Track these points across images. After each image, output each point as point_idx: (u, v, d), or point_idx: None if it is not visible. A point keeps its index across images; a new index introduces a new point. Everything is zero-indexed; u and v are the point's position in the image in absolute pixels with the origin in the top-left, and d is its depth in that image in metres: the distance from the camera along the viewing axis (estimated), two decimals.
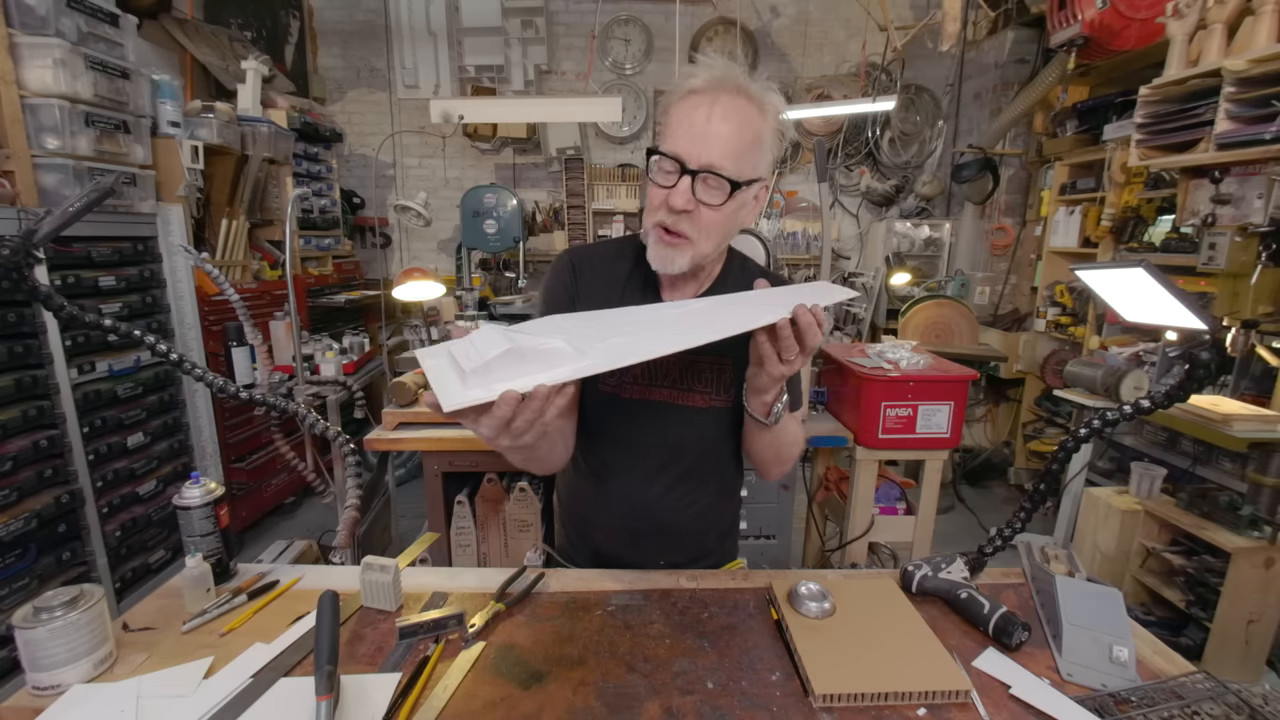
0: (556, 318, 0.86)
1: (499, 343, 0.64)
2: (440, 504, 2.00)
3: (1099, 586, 0.93)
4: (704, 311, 0.84)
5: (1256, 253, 2.19)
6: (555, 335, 0.71)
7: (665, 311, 0.88)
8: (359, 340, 2.69)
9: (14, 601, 1.94)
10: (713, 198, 0.86)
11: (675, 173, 0.85)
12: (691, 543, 1.10)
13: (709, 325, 0.76)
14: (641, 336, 0.76)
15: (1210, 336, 0.88)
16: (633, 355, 0.68)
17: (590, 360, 0.66)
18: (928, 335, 3.69)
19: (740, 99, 0.85)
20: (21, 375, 2.00)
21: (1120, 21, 2.94)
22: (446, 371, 0.66)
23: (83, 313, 0.94)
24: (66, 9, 2.15)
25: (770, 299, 0.83)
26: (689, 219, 0.88)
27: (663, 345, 0.71)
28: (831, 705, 0.77)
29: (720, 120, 0.84)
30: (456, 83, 4.62)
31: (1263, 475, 1.96)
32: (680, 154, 0.85)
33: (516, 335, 0.68)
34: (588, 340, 0.72)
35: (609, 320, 0.84)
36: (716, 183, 0.85)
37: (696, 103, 0.85)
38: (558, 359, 0.65)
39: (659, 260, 0.92)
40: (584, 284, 1.03)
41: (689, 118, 0.85)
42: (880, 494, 2.16)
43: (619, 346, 0.71)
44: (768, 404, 0.89)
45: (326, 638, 0.77)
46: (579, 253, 1.06)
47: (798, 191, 4.86)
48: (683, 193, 0.85)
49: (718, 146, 0.83)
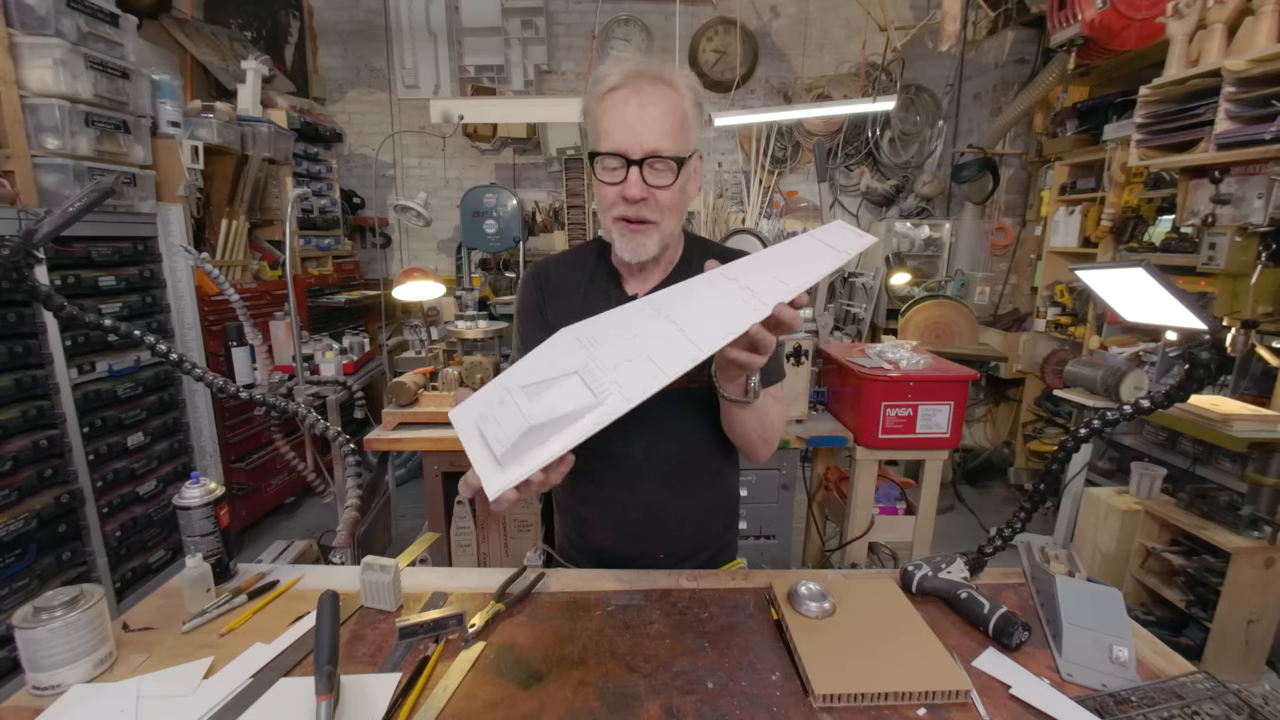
0: (560, 339, 0.84)
1: (519, 422, 0.70)
2: (440, 504, 2.00)
3: (1099, 586, 0.93)
4: (698, 303, 0.81)
5: (1256, 253, 2.18)
6: (566, 366, 0.77)
7: (657, 310, 0.84)
8: (359, 340, 2.69)
9: (14, 601, 1.94)
10: (662, 179, 0.90)
11: (621, 168, 0.90)
12: (690, 531, 1.11)
13: (713, 322, 0.75)
14: (650, 347, 0.75)
15: (1210, 336, 0.88)
16: (648, 387, 0.70)
17: (606, 408, 0.70)
18: (928, 335, 3.69)
19: (659, 85, 0.90)
20: (21, 375, 1.99)
21: (1120, 21, 2.93)
22: (481, 453, 0.73)
23: (83, 313, 0.94)
24: (66, 9, 2.15)
25: (763, 266, 0.81)
26: (648, 205, 0.92)
27: (675, 362, 0.71)
28: (831, 705, 0.77)
29: (649, 107, 0.88)
30: (456, 83, 4.62)
31: (1263, 475, 1.96)
32: (621, 149, 0.89)
33: (534, 388, 0.74)
34: (598, 368, 0.75)
35: (608, 331, 0.82)
36: (663, 165, 0.89)
37: (622, 97, 0.89)
38: (576, 414, 0.71)
39: (630, 251, 0.96)
40: (550, 292, 1.08)
41: (619, 113, 0.89)
42: (880, 494, 2.16)
43: (631, 375, 0.73)
44: (743, 385, 0.88)
45: (326, 638, 0.77)
46: (542, 265, 1.12)
47: (798, 191, 4.86)
48: (635, 183, 0.90)
49: (653, 131, 0.88)
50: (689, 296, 0.81)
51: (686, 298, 0.81)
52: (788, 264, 0.80)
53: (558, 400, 0.73)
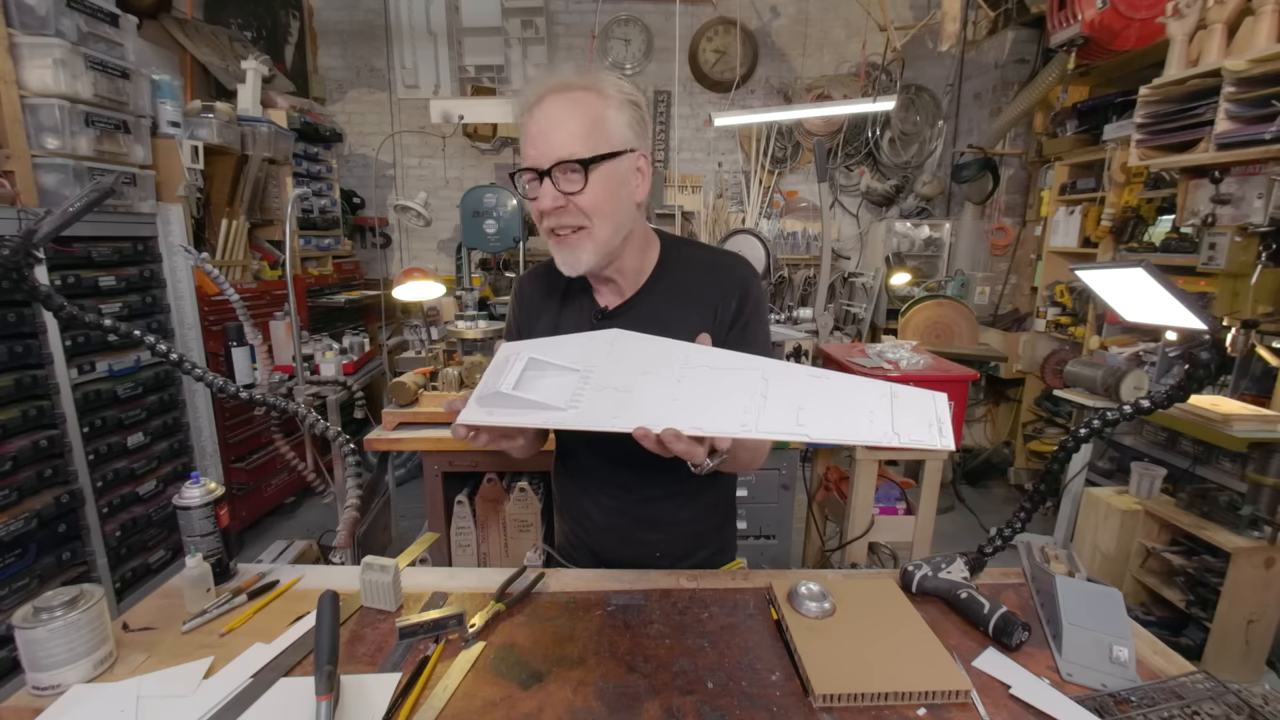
0: (603, 336, 0.86)
1: (502, 382, 0.78)
2: (440, 504, 2.00)
3: (1099, 586, 0.93)
4: (705, 383, 0.76)
5: (1256, 253, 2.19)
6: (581, 362, 0.81)
7: (680, 363, 0.80)
8: (359, 340, 2.69)
9: (14, 601, 1.94)
10: (573, 185, 0.89)
11: (535, 180, 0.91)
12: (686, 531, 1.11)
13: (700, 401, 0.73)
14: (635, 392, 0.76)
15: (1210, 336, 0.88)
16: (600, 424, 0.73)
17: (562, 415, 0.75)
18: (928, 335, 3.69)
19: (568, 94, 0.89)
20: (21, 375, 1.99)
21: (1120, 21, 2.93)
22: (480, 385, 0.81)
23: (83, 313, 0.94)
24: (66, 9, 2.15)
25: (793, 387, 0.74)
26: (568, 213, 0.91)
27: (630, 420, 0.71)
28: (831, 705, 0.77)
29: (552, 119, 0.89)
30: (456, 83, 4.62)
31: (1263, 475, 1.96)
32: (531, 163, 0.90)
33: (539, 364, 0.82)
34: (596, 380, 0.79)
35: (634, 354, 0.82)
36: (570, 169, 0.88)
37: (531, 115, 0.91)
38: (539, 405, 0.76)
39: (566, 264, 0.95)
40: (526, 302, 1.11)
41: (529, 129, 0.91)
42: (880, 494, 2.16)
43: (601, 404, 0.76)
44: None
45: (326, 638, 0.77)
46: (523, 279, 1.14)
47: (798, 191, 4.86)
48: (547, 193, 0.90)
49: (555, 140, 0.88)
50: (713, 365, 0.78)
51: (711, 366, 0.78)
52: (820, 400, 0.72)
53: (542, 386, 0.79)
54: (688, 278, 1.02)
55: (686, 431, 0.69)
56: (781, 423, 0.70)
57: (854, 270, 4.78)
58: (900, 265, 4.30)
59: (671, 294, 1.01)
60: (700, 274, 1.02)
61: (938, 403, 0.72)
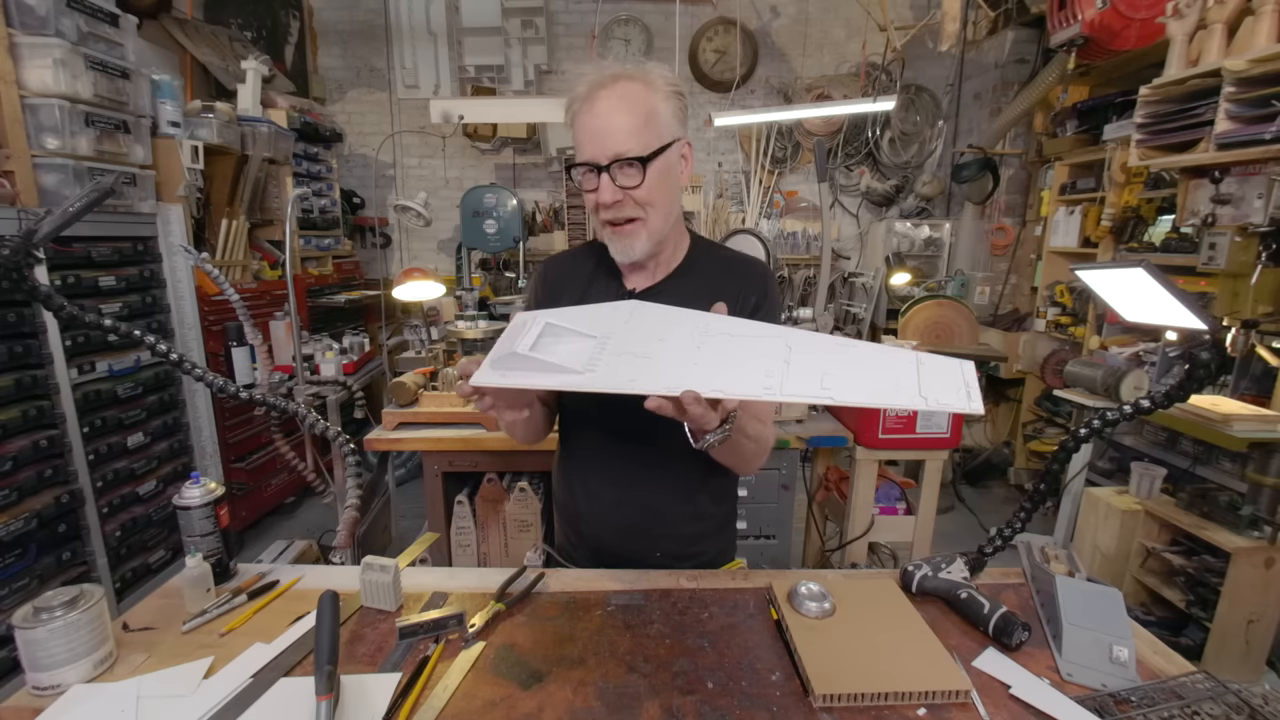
0: (622, 306, 0.88)
1: (518, 344, 0.77)
2: (440, 504, 2.00)
3: (1099, 586, 0.93)
4: (726, 348, 0.77)
5: (1256, 253, 2.18)
6: (599, 329, 0.81)
7: (700, 331, 0.80)
8: (359, 340, 2.69)
9: (14, 601, 1.94)
10: (631, 180, 0.93)
11: (593, 174, 0.94)
12: (687, 531, 1.11)
13: (719, 366, 0.73)
14: (655, 359, 0.76)
15: (1210, 336, 0.88)
16: (621, 386, 0.72)
17: (582, 379, 0.74)
18: (928, 335, 3.69)
19: (618, 86, 0.92)
20: (21, 375, 1.99)
21: (1120, 21, 2.93)
22: (495, 349, 0.80)
23: (83, 313, 0.94)
24: (66, 9, 2.15)
25: (819, 357, 0.74)
26: (625, 205, 0.95)
27: (654, 384, 0.71)
28: (831, 705, 0.77)
29: (607, 114, 0.91)
30: (456, 83, 4.62)
31: (1263, 475, 1.96)
32: (588, 158, 0.94)
33: (555, 329, 0.81)
34: (614, 346, 0.79)
35: (652, 323, 0.83)
36: (627, 165, 0.92)
37: (585, 109, 0.93)
38: (556, 368, 0.75)
39: (622, 252, 0.99)
40: (553, 286, 1.12)
41: (584, 125, 0.94)
42: (880, 494, 2.16)
43: (620, 369, 0.75)
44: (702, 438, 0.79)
45: (326, 638, 0.77)
46: (549, 261, 1.17)
47: (798, 191, 4.86)
48: (606, 188, 0.93)
49: (613, 136, 0.91)
50: (733, 333, 0.79)
51: (730, 334, 0.79)
52: (845, 367, 0.72)
53: (559, 349, 0.78)
54: (713, 269, 1.07)
55: (706, 394, 0.69)
56: (806, 386, 0.70)
57: (854, 270, 4.78)
58: (900, 265, 4.30)
59: (697, 282, 1.04)
60: (725, 268, 1.07)
61: (965, 369, 0.72)
